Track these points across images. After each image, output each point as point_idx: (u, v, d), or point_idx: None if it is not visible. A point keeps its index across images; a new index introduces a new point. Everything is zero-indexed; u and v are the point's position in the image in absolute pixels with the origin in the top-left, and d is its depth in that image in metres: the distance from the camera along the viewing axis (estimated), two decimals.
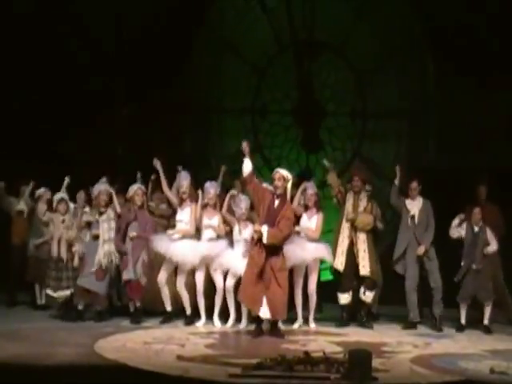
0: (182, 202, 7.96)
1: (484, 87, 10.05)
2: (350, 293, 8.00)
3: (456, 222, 8.07)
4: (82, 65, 10.72)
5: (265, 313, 7.27)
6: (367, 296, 7.96)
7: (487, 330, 7.82)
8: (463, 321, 7.93)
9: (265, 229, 7.22)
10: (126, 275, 7.90)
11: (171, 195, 8.10)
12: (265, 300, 7.23)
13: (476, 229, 8.00)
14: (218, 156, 11.16)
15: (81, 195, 8.62)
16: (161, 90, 10.83)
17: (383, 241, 8.63)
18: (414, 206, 8.16)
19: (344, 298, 8.01)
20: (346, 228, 8.03)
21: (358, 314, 8.09)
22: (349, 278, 7.98)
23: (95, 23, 10.74)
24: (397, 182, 8.28)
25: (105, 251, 7.88)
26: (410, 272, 8.03)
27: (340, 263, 7.97)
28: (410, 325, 7.99)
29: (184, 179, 7.98)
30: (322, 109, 11.22)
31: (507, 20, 9.82)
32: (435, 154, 10.73)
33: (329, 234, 8.45)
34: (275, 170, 7.57)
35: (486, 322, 7.88)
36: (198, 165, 10.22)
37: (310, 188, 8.11)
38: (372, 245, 8.04)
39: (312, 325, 7.98)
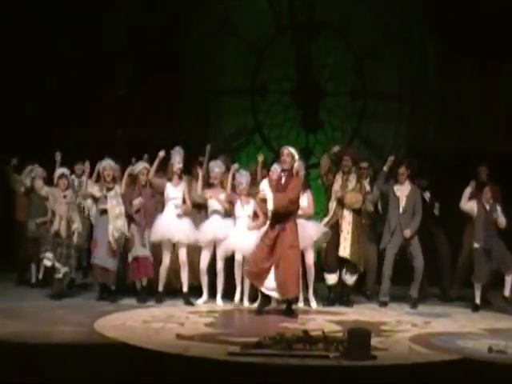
0: (175, 178, 7.94)
1: (484, 70, 10.04)
2: (337, 273, 7.98)
3: (467, 193, 8.05)
4: (80, 48, 10.63)
5: (270, 290, 7.25)
6: (347, 279, 7.97)
7: (508, 301, 7.83)
8: (478, 300, 7.92)
9: (269, 195, 7.25)
10: (135, 252, 7.89)
11: (157, 181, 8.07)
12: (273, 278, 7.20)
13: (487, 207, 7.98)
14: (217, 136, 11.14)
15: (80, 168, 8.58)
16: (159, 71, 10.77)
17: (375, 226, 8.60)
18: (402, 191, 8.13)
19: (332, 279, 8.00)
20: (331, 208, 7.98)
21: (341, 296, 8.08)
22: (334, 258, 7.93)
23: (94, 7, 10.65)
24: (385, 168, 8.25)
25: (115, 226, 7.87)
26: (387, 260, 8.05)
27: (343, 248, 7.87)
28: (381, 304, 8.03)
29: (178, 155, 7.97)
30: (322, 89, 11.19)
31: (509, 5, 9.78)
32: (434, 136, 10.73)
33: (317, 217, 8.39)
34: (284, 147, 7.56)
35: (507, 293, 7.85)
36: (197, 145, 10.18)
37: (301, 168, 8.10)
38: (358, 228, 7.97)
39: (313, 303, 7.95)
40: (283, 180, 7.40)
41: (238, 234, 7.83)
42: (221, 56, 11.29)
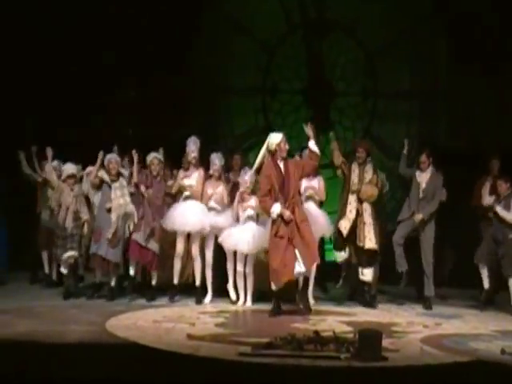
0: (190, 168, 7.95)
1: (495, 69, 9.99)
2: (347, 250, 7.94)
3: (487, 188, 8.08)
4: (91, 47, 10.65)
5: (298, 269, 7.26)
6: (366, 274, 7.93)
7: None
8: (486, 285, 7.85)
9: (277, 208, 7.25)
10: (138, 237, 7.90)
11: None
12: (299, 256, 7.22)
13: (503, 199, 7.89)
14: (227, 136, 11.14)
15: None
16: (170, 70, 10.78)
17: (388, 218, 8.57)
18: (423, 177, 8.12)
19: (340, 256, 7.99)
20: (353, 200, 7.96)
21: (360, 296, 8.07)
22: (346, 239, 7.93)
23: (105, 5, 10.67)
24: (405, 151, 8.26)
25: (117, 215, 7.87)
26: (399, 229, 8.02)
27: (344, 227, 7.90)
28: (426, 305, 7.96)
29: (193, 144, 7.98)
30: (333, 88, 11.17)
31: None
32: (446, 136, 10.69)
33: (332, 216, 8.37)
34: (280, 137, 7.55)
35: None
36: (207, 145, 10.18)
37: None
38: (376, 219, 7.96)
39: (311, 300, 7.91)
40: (282, 167, 7.41)
41: (241, 233, 7.81)
42: (232, 55, 11.28)
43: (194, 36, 11.04)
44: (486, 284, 7.89)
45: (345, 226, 7.91)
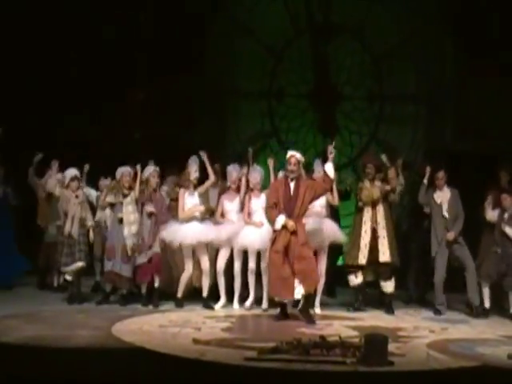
0: (191, 187, 7.95)
1: (502, 71, 9.96)
2: (360, 273, 7.90)
3: (490, 203, 7.98)
4: (101, 49, 10.70)
5: (298, 293, 7.23)
6: (388, 286, 7.88)
7: None
8: (487, 304, 7.82)
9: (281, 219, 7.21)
10: (140, 260, 7.95)
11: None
12: (295, 281, 7.17)
13: (509, 212, 7.82)
14: (234, 140, 11.15)
15: (104, 182, 8.64)
16: (177, 74, 10.81)
17: (399, 226, 8.54)
18: (443, 197, 8.02)
19: (353, 280, 7.92)
20: (368, 220, 7.88)
21: (383, 305, 8.01)
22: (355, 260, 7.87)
23: (115, 7, 10.71)
24: (425, 181, 8.10)
25: (130, 233, 7.91)
26: (438, 267, 7.90)
27: (363, 257, 7.81)
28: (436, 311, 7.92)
29: (195, 164, 7.99)
30: (339, 92, 11.17)
31: None
32: (452, 138, 10.67)
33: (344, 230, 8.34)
34: (290, 154, 7.48)
35: None
36: (213, 149, 10.19)
37: (320, 166, 8.05)
38: (391, 228, 7.89)
39: (317, 310, 7.90)
40: (292, 188, 7.34)
41: (250, 232, 7.82)
42: (238, 59, 11.31)
43: (201, 40, 11.07)
44: (488, 303, 7.83)
45: (364, 255, 7.81)
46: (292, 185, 7.37)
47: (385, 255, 7.79)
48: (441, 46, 10.84)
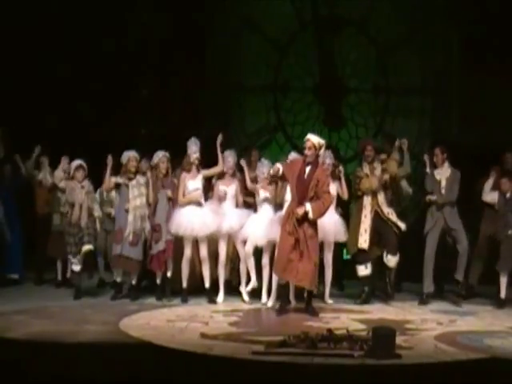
0: (193, 170, 7.92)
1: (508, 64, 9.92)
2: (369, 264, 7.92)
3: (489, 185, 7.99)
4: (104, 48, 10.69)
5: (291, 277, 7.22)
6: (389, 259, 7.89)
7: None
8: (503, 294, 7.79)
9: (309, 207, 7.15)
10: (157, 248, 7.90)
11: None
12: (300, 270, 7.13)
13: (508, 195, 7.87)
14: (239, 134, 11.13)
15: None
16: (182, 69, 10.80)
17: (407, 217, 8.53)
18: (442, 174, 8.06)
19: (362, 270, 7.93)
20: (368, 204, 7.94)
21: (382, 282, 8.05)
22: (370, 250, 7.91)
23: (116, 6, 10.69)
24: (428, 170, 8.17)
25: (135, 216, 7.89)
26: (429, 241, 7.94)
27: (364, 241, 7.86)
28: (423, 300, 7.92)
29: (194, 145, 7.96)
30: (344, 85, 11.14)
31: None
32: (458, 131, 10.64)
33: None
34: (307, 137, 7.38)
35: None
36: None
37: (329, 158, 8.05)
38: (392, 207, 7.95)
39: (329, 300, 7.91)
40: (306, 172, 7.24)
41: (256, 223, 7.81)
42: (243, 53, 11.28)
43: (206, 35, 11.04)
44: (503, 294, 7.82)
45: (364, 239, 7.85)
46: (308, 170, 7.26)
47: (366, 243, 7.81)
48: (446, 39, 10.79)
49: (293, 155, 7.98)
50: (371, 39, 11.04)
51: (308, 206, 7.14)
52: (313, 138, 7.32)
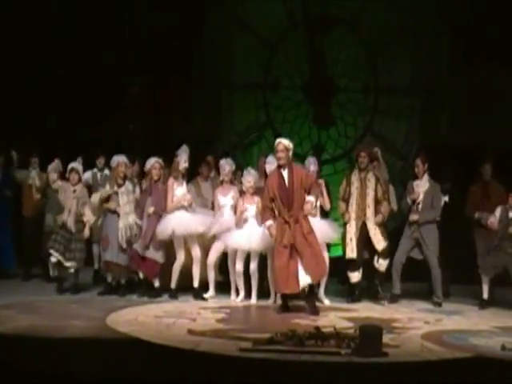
0: (180, 177, 7.93)
1: (498, 64, 9.97)
2: (360, 270, 7.97)
3: (497, 215, 7.79)
4: (93, 42, 10.65)
5: (304, 280, 7.18)
6: (380, 264, 7.92)
7: None
8: (485, 295, 7.81)
9: (312, 198, 7.22)
10: (136, 247, 7.91)
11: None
12: (302, 271, 7.11)
13: (511, 213, 7.72)
14: (229, 131, 11.13)
15: (101, 161, 8.62)
16: (172, 66, 10.78)
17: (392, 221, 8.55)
18: (421, 186, 7.99)
19: (355, 277, 7.96)
20: (352, 212, 7.90)
21: (371, 286, 8.09)
22: (359, 257, 7.92)
23: (110, 2, 10.67)
24: (409, 201, 8.05)
25: (125, 224, 7.89)
26: (401, 246, 7.98)
27: (350, 250, 7.85)
28: (393, 298, 7.98)
29: (185, 154, 7.95)
30: (334, 84, 11.16)
31: None
32: (447, 131, 10.68)
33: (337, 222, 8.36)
34: (277, 141, 7.42)
35: None
36: (208, 140, 10.20)
37: (313, 165, 8.08)
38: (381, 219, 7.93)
39: (325, 301, 7.94)
40: (286, 177, 7.25)
41: (242, 232, 7.81)
42: (233, 51, 11.27)
43: (196, 33, 11.03)
44: (486, 295, 7.85)
45: (351, 248, 7.84)
46: (285, 174, 7.29)
47: (380, 244, 7.84)
48: (436, 39, 10.83)
49: (270, 159, 7.95)
50: (361, 39, 11.06)
51: (311, 198, 7.23)
52: (283, 141, 7.35)
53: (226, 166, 8.07)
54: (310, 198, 7.23)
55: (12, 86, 10.17)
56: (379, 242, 7.84)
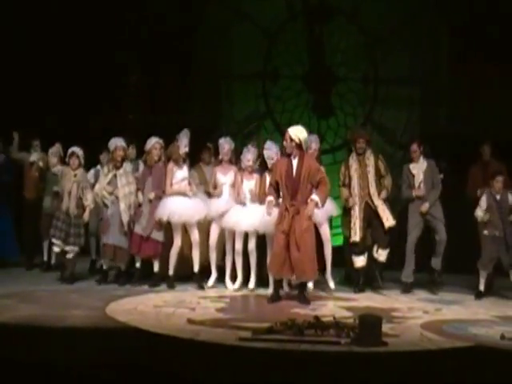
0: (180, 161, 7.90)
1: (497, 56, 9.96)
2: (366, 254, 7.94)
3: (483, 205, 7.83)
4: (94, 34, 10.60)
5: (289, 275, 7.23)
6: (380, 254, 7.92)
7: None
8: (482, 287, 7.84)
9: (316, 198, 7.14)
10: (137, 229, 7.89)
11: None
12: (292, 262, 7.12)
13: (498, 196, 7.80)
14: (228, 121, 11.11)
15: (105, 157, 8.60)
16: (171, 56, 10.74)
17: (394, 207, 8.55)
18: (419, 169, 8.04)
19: (360, 261, 7.95)
20: (356, 198, 7.91)
21: (372, 275, 8.08)
22: (363, 240, 7.92)
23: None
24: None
25: (126, 205, 7.86)
26: (411, 233, 7.97)
27: (354, 233, 7.85)
28: (405, 288, 7.97)
29: (186, 138, 7.93)
30: (334, 74, 11.13)
31: None
32: (446, 121, 10.67)
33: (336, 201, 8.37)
34: (288, 130, 7.37)
35: None
36: (208, 130, 10.16)
37: (314, 143, 8.03)
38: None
39: (331, 283, 7.90)
40: (295, 166, 7.23)
41: (240, 211, 7.81)
42: (233, 41, 11.22)
43: (195, 22, 10.98)
44: (482, 287, 7.85)
45: (354, 232, 7.85)
46: (295, 163, 7.25)
47: (389, 221, 7.82)
48: (435, 29, 10.79)
49: (268, 144, 7.92)
50: (361, 29, 11.02)
51: (316, 198, 7.15)
52: (290, 131, 7.29)
53: (225, 144, 8.04)
54: (315, 198, 7.18)
55: (13, 80, 10.13)
56: (388, 219, 7.80)
